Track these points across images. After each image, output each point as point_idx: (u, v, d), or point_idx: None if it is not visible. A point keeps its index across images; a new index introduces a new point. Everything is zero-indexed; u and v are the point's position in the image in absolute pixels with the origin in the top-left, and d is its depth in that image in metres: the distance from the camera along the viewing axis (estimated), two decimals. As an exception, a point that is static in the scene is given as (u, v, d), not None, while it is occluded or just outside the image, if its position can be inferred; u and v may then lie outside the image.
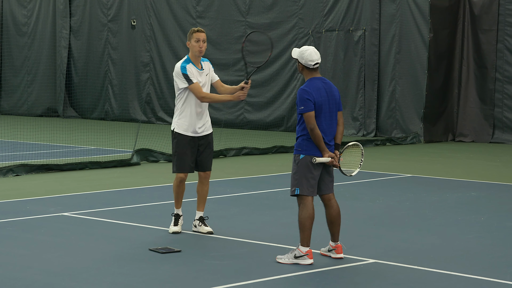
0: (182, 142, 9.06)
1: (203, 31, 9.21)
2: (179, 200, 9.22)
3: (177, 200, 9.22)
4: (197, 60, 9.14)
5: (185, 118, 9.05)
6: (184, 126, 9.05)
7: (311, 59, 7.93)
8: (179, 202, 9.22)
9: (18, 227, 9.56)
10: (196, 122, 9.05)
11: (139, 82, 26.31)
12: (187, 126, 9.04)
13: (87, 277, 7.31)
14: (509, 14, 20.77)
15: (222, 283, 7.13)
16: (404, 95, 21.72)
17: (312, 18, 23.10)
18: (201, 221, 9.21)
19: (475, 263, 7.98)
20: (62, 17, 27.63)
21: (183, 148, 9.05)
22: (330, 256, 8.08)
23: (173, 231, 9.10)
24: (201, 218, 9.22)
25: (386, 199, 11.78)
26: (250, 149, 17.73)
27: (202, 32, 9.17)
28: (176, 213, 9.21)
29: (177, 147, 9.09)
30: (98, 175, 14.08)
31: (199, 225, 9.20)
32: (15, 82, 28.67)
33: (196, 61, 9.13)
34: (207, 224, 9.26)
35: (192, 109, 9.03)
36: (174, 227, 9.14)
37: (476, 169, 15.72)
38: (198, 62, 9.15)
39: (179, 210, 9.22)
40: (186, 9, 25.28)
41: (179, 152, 9.07)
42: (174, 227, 9.15)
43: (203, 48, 9.10)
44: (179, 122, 9.08)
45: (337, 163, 7.94)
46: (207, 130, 9.17)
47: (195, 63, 9.12)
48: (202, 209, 9.26)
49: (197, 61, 9.14)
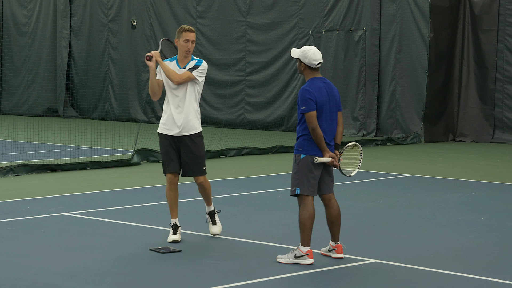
0: (162, 141, 8.84)
1: (193, 31, 8.83)
2: (174, 207, 8.80)
3: (171, 208, 8.82)
4: (183, 60, 8.84)
5: (163, 116, 8.84)
6: (162, 125, 8.81)
7: (315, 59, 7.93)
8: (174, 211, 8.80)
9: (19, 227, 9.56)
10: (172, 120, 8.74)
11: (139, 82, 26.32)
12: (164, 124, 8.79)
13: (87, 277, 7.31)
14: (509, 14, 20.77)
15: (222, 283, 7.13)
16: (405, 95, 21.72)
17: (313, 18, 23.10)
18: (210, 217, 9.02)
19: (475, 263, 7.98)
20: (62, 17, 27.64)
21: (163, 147, 8.81)
22: (330, 256, 8.08)
23: (172, 239, 8.69)
24: (210, 213, 9.03)
25: (386, 199, 11.78)
26: (250, 149, 17.73)
27: (192, 32, 8.80)
28: (174, 223, 8.77)
29: (160, 147, 8.88)
30: (99, 175, 14.08)
31: (208, 221, 9.04)
32: (16, 82, 28.69)
33: (181, 60, 8.84)
34: (216, 222, 9.03)
35: (168, 107, 8.79)
36: (173, 236, 8.74)
37: (477, 169, 15.72)
38: (183, 61, 8.84)
39: (175, 220, 8.79)
40: (186, 9, 25.29)
41: (162, 152, 8.86)
42: (173, 235, 8.75)
43: (191, 49, 8.79)
44: (161, 121, 8.87)
45: (338, 163, 7.95)
46: (188, 130, 8.78)
47: (180, 61, 8.84)
48: (209, 204, 9.04)
49: (182, 61, 8.84)
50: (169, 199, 8.83)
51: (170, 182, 8.79)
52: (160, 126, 8.88)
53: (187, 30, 8.79)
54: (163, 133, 8.84)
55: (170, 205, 8.83)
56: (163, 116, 8.87)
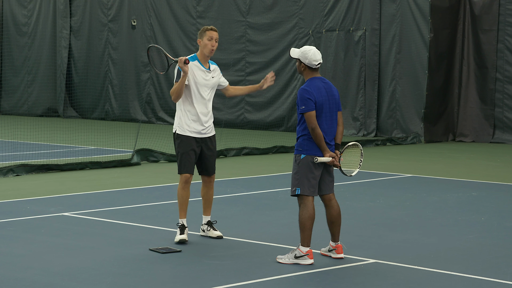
0: (184, 142, 8.80)
1: (216, 30, 8.93)
2: (184, 207, 8.78)
3: (181, 207, 8.79)
4: (205, 60, 8.91)
5: (185, 118, 8.81)
6: (185, 126, 8.80)
7: (315, 59, 7.93)
8: (183, 210, 8.78)
9: (19, 227, 9.56)
10: (198, 122, 8.81)
11: (139, 82, 26.31)
12: (188, 126, 8.79)
13: (87, 277, 7.31)
14: (509, 14, 20.77)
15: (222, 283, 7.13)
16: (405, 95, 21.71)
17: (313, 18, 23.10)
18: (210, 226, 9.01)
19: (475, 263, 7.98)
20: (62, 17, 27.63)
21: (185, 148, 8.78)
22: (330, 256, 8.08)
23: (179, 239, 8.64)
24: (209, 223, 9.02)
25: (386, 199, 11.78)
26: (250, 149, 17.73)
27: (215, 31, 8.90)
28: (182, 224, 8.73)
29: (179, 148, 8.83)
30: (98, 175, 14.08)
31: (208, 229, 8.99)
32: (16, 82, 28.67)
33: (204, 60, 8.90)
34: (216, 228, 9.06)
35: (192, 109, 8.80)
36: (180, 236, 8.68)
37: (477, 169, 15.72)
38: (206, 61, 8.92)
39: (184, 220, 8.76)
40: (186, 9, 25.28)
41: (181, 152, 8.80)
42: (180, 235, 8.69)
43: (215, 47, 8.87)
44: (180, 122, 8.84)
45: (338, 163, 7.94)
46: (210, 132, 8.93)
47: (202, 61, 8.89)
48: (209, 213, 9.05)
49: (205, 60, 8.91)
50: (182, 197, 8.78)
51: (186, 180, 8.78)
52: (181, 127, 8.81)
53: (210, 29, 8.89)
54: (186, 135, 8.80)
55: (181, 203, 8.78)
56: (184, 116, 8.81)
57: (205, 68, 8.90)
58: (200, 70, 8.86)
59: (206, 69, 8.91)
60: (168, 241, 8.73)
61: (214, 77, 8.98)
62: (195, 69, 8.83)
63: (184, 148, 8.81)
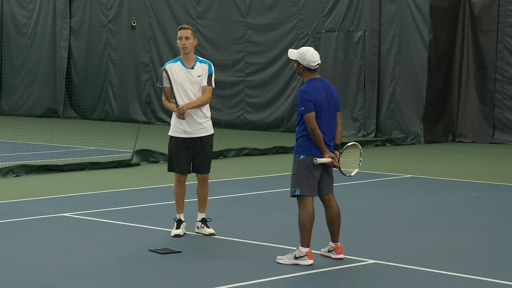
0: (174, 143, 9.09)
1: (186, 27, 9.02)
2: (180, 203, 9.15)
3: (177, 204, 9.17)
4: (186, 59, 9.03)
5: (174, 119, 9.07)
6: (175, 128, 9.07)
7: (313, 60, 7.93)
8: (180, 206, 9.15)
9: (18, 227, 9.56)
10: (186, 123, 8.99)
11: (139, 83, 26.31)
12: (178, 127, 9.05)
13: (87, 278, 7.31)
14: (509, 14, 20.77)
15: (222, 283, 7.13)
16: (404, 95, 21.72)
17: (312, 19, 23.10)
18: (203, 223, 9.19)
19: (475, 264, 7.98)
20: (62, 17, 27.63)
21: (175, 148, 9.07)
22: (330, 257, 8.08)
23: (174, 234, 9.02)
24: (203, 220, 9.20)
25: (386, 200, 11.78)
26: (250, 150, 17.74)
27: (185, 29, 9.00)
28: (179, 218, 9.13)
29: (170, 148, 9.16)
30: (98, 176, 14.08)
31: (201, 226, 9.18)
32: (15, 83, 28.68)
33: (185, 59, 9.04)
34: (210, 226, 9.24)
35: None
36: (175, 230, 9.06)
37: (476, 169, 15.72)
38: (188, 60, 9.04)
39: (181, 215, 9.14)
40: (186, 9, 25.29)
41: (172, 152, 9.12)
42: (175, 230, 9.07)
43: (186, 45, 8.95)
44: (172, 124, 9.13)
45: (337, 163, 7.95)
46: (201, 132, 9.07)
47: (184, 61, 9.03)
48: (203, 211, 9.25)
49: (186, 60, 9.04)
50: (177, 194, 9.20)
51: (178, 179, 9.16)
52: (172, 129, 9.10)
53: (180, 29, 9.05)
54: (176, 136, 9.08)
55: (177, 199, 9.20)
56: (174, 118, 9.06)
57: (186, 68, 9.03)
58: (182, 70, 9.02)
59: (188, 68, 9.03)
60: (167, 242, 8.74)
61: (201, 75, 9.05)
62: (178, 71, 9.01)
63: (173, 149, 9.12)
